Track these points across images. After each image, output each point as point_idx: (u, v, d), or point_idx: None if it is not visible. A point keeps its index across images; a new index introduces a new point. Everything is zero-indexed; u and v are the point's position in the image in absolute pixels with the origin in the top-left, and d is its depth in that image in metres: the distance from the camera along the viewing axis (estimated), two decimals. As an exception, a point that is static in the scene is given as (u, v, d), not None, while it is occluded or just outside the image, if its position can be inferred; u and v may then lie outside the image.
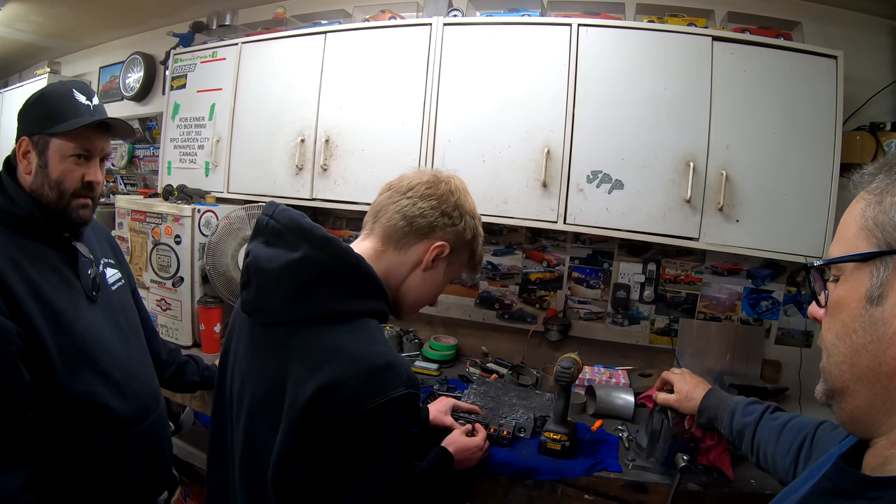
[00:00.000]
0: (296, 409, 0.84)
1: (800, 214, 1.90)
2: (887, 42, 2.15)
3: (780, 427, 1.13)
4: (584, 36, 1.91)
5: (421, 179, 1.08)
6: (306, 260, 0.92)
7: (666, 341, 2.37)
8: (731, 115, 1.90)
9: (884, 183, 0.60)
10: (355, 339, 0.89)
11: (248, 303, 0.97)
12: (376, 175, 2.10)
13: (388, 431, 0.86)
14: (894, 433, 0.58)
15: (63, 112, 1.20)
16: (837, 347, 0.62)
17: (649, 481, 1.47)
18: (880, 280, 0.57)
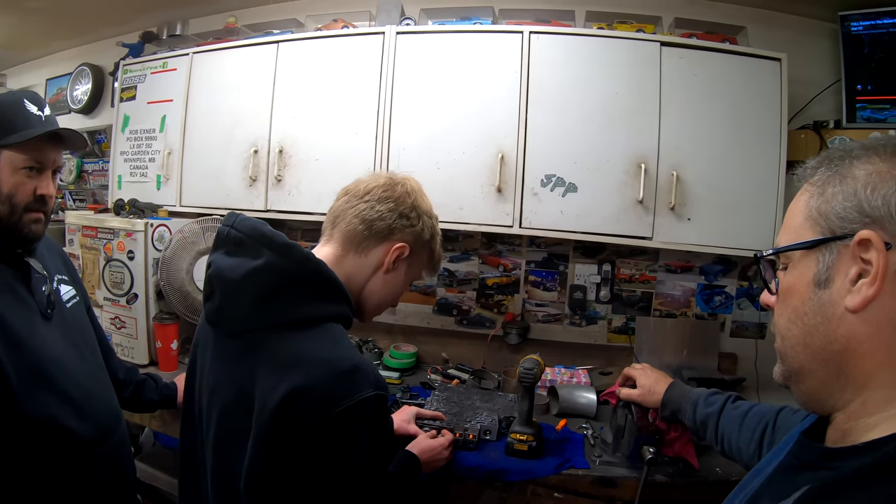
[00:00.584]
0: (265, 415, 0.84)
1: (749, 211, 1.97)
2: (828, 44, 2.25)
3: (742, 415, 1.18)
4: (536, 43, 1.94)
5: (377, 182, 1.10)
6: (269, 267, 0.92)
7: (624, 339, 2.42)
8: (680, 118, 1.95)
9: (825, 175, 0.64)
10: (321, 344, 0.90)
11: (213, 313, 0.97)
12: (331, 185, 2.03)
13: (358, 433, 0.86)
14: (850, 407, 0.61)
15: (14, 123, 1.16)
16: (791, 331, 0.65)
17: (617, 476, 1.51)
18: (826, 265, 0.61)
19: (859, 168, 0.61)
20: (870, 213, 0.58)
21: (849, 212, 0.60)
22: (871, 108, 2.10)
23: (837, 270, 0.60)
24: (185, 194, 2.38)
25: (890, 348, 0.57)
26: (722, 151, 1.96)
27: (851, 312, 0.58)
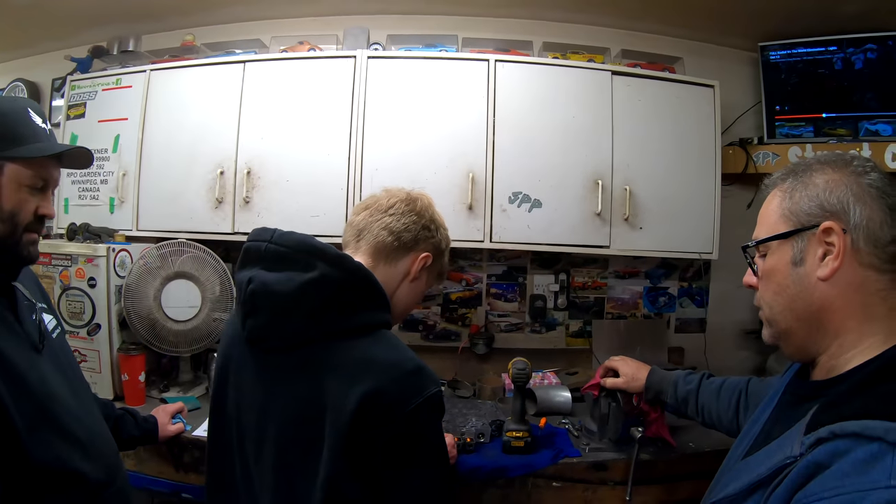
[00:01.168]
0: (342, 423, 0.87)
1: (691, 219, 2.22)
2: (750, 71, 2.56)
3: (718, 389, 1.38)
4: (501, 70, 2.08)
5: (398, 197, 1.16)
6: (324, 278, 0.94)
7: (581, 342, 2.60)
8: (630, 138, 2.16)
9: (794, 183, 0.85)
10: (383, 349, 0.95)
11: (258, 329, 0.98)
12: (303, 206, 2.11)
13: (431, 427, 0.94)
14: (830, 350, 0.81)
15: (21, 134, 1.06)
16: (777, 301, 0.85)
17: (607, 459, 1.67)
18: (800, 249, 0.82)
19: (818, 177, 0.83)
20: (829, 209, 0.80)
21: (813, 209, 0.81)
22: (789, 126, 2.41)
23: (808, 252, 0.81)
24: (142, 217, 2.30)
25: (853, 302, 0.78)
26: (667, 167, 2.19)
27: (823, 281, 0.79)
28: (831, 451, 0.65)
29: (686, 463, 1.69)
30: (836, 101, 2.33)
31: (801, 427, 0.74)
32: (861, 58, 2.29)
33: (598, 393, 1.70)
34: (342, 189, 2.10)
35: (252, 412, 1.00)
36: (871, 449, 0.62)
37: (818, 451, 0.67)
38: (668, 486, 1.68)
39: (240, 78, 2.16)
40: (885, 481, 0.58)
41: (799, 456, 0.69)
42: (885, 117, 2.26)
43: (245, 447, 1.02)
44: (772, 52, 2.43)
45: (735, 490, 0.81)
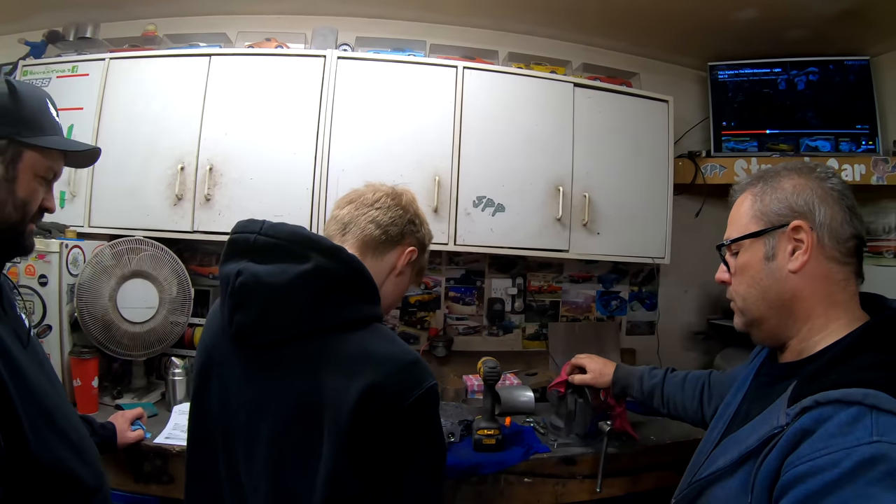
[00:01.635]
0: (342, 419, 0.86)
1: (645, 225, 2.34)
2: (698, 88, 2.70)
3: (682, 381, 1.47)
4: (469, 77, 2.13)
5: (383, 192, 1.15)
6: (319, 270, 0.92)
7: (538, 345, 2.67)
8: (589, 147, 2.25)
9: (763, 187, 0.95)
10: (380, 342, 0.93)
11: (249, 324, 0.93)
12: (267, 205, 2.09)
13: (431, 418, 0.94)
14: (800, 334, 0.91)
15: (41, 123, 1.03)
16: (751, 293, 0.95)
17: (575, 454, 1.73)
18: (771, 245, 0.92)
19: (786, 182, 0.93)
20: (797, 209, 0.90)
21: (782, 210, 0.91)
22: (735, 140, 2.56)
23: (779, 248, 0.91)
24: (95, 213, 2.20)
25: (819, 291, 0.89)
26: (623, 175, 2.30)
27: (793, 273, 0.89)
28: (816, 418, 0.74)
29: (649, 455, 1.79)
30: (779, 118, 2.49)
31: (784, 400, 0.83)
32: (803, 79, 2.46)
33: (564, 390, 1.76)
34: (307, 189, 2.09)
35: (241, 411, 0.97)
36: (851, 412, 0.71)
37: (804, 419, 0.76)
38: (633, 477, 1.77)
39: (205, 71, 2.12)
40: (867, 438, 0.68)
41: (785, 425, 0.78)
42: (823, 134, 2.45)
43: (232, 447, 0.98)
44: (720, 72, 2.58)
45: (725, 463, 0.89)
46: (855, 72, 2.42)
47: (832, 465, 0.68)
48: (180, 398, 1.96)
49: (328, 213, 2.11)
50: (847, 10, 2.13)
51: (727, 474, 0.88)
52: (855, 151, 2.40)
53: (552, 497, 1.70)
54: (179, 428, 1.74)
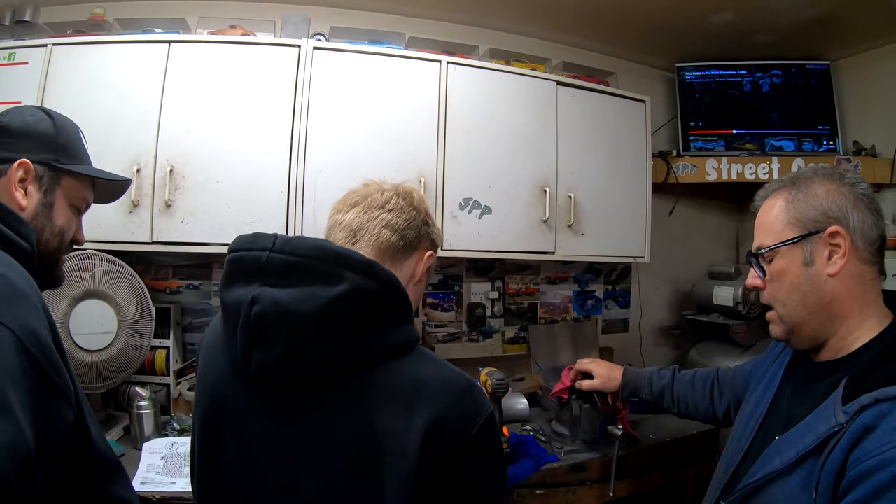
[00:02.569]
0: (408, 461, 0.74)
1: (626, 224, 2.33)
2: (666, 88, 2.73)
3: (691, 381, 1.47)
4: (453, 73, 2.02)
5: (391, 191, 1.00)
6: (356, 292, 0.77)
7: (518, 348, 2.61)
8: (572, 147, 2.21)
9: (796, 194, 0.97)
10: (430, 368, 0.81)
11: (274, 363, 0.78)
12: (236, 211, 1.89)
13: (494, 443, 0.83)
14: (839, 333, 0.94)
15: (77, 151, 1.02)
16: (791, 298, 0.97)
17: (584, 460, 1.70)
18: (810, 251, 0.94)
19: (818, 188, 0.95)
20: (832, 215, 0.92)
21: (818, 216, 0.93)
22: (702, 140, 2.60)
23: (817, 253, 0.93)
24: (35, 220, 1.94)
25: (855, 292, 0.92)
26: (605, 175, 2.28)
27: (831, 277, 0.92)
28: (876, 414, 0.78)
29: (650, 454, 1.79)
30: (744, 118, 2.56)
31: (837, 399, 0.85)
32: (768, 82, 2.54)
33: (567, 396, 1.70)
34: (282, 192, 1.91)
35: (272, 466, 0.81)
36: None
37: (864, 416, 0.79)
38: (636, 478, 1.75)
39: (163, 61, 1.88)
40: None
41: (845, 423, 0.80)
42: (787, 135, 2.53)
43: None
44: (688, 73, 2.62)
45: (783, 463, 0.89)
46: (816, 75, 2.52)
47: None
48: (149, 433, 1.74)
49: (305, 218, 1.95)
50: (816, 18, 2.21)
51: (785, 474, 0.88)
52: (817, 151, 2.51)
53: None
54: (154, 469, 1.54)
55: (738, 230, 3.06)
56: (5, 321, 0.70)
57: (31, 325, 0.74)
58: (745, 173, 2.49)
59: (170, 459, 1.59)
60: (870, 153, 2.47)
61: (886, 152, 2.42)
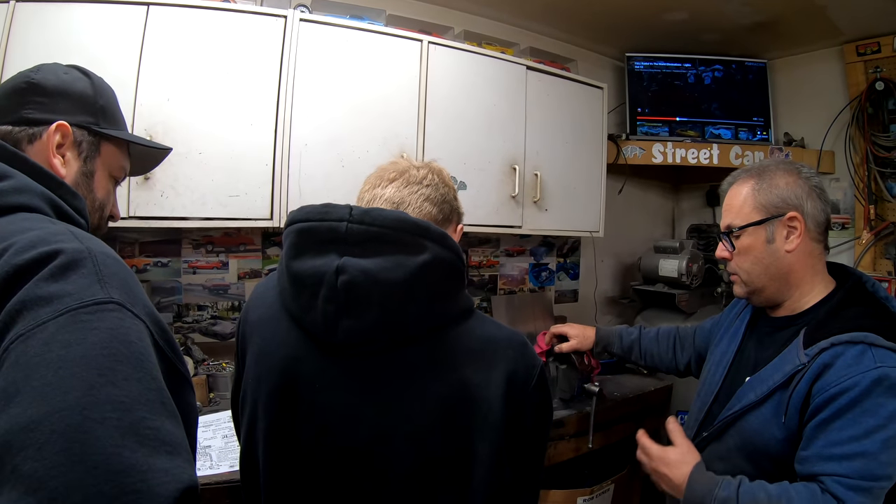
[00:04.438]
0: (495, 411, 0.82)
1: (584, 201, 2.47)
2: (614, 76, 2.89)
3: (656, 336, 1.66)
4: (433, 53, 2.05)
5: (424, 168, 1.02)
6: (437, 261, 0.81)
7: (481, 318, 2.70)
8: (539, 128, 2.31)
9: (761, 183, 1.16)
10: (493, 328, 0.90)
11: (365, 330, 0.79)
12: (220, 184, 1.82)
13: (548, 390, 0.93)
14: (794, 297, 1.16)
15: (116, 116, 0.92)
16: (755, 269, 1.16)
17: (563, 416, 1.81)
18: (772, 231, 1.13)
19: (780, 179, 1.14)
20: (790, 203, 1.12)
21: (779, 203, 1.13)
22: (648, 125, 2.78)
23: (777, 233, 1.13)
24: None
25: (807, 264, 1.14)
26: (566, 156, 2.41)
27: (788, 252, 1.12)
28: (832, 355, 0.99)
29: (617, 409, 1.95)
30: (687, 107, 2.76)
31: (798, 344, 1.06)
32: (710, 75, 2.74)
33: (545, 359, 1.82)
34: (267, 165, 1.87)
35: (362, 431, 0.82)
36: (858, 348, 0.98)
37: (823, 356, 1.00)
38: (606, 431, 1.91)
39: (141, 24, 1.76)
40: (872, 365, 0.95)
41: (807, 362, 1.01)
42: (725, 124, 2.76)
43: (341, 481, 0.84)
44: (636, 62, 2.78)
45: (756, 397, 1.08)
46: (754, 72, 2.75)
47: (854, 386, 0.95)
48: None
49: (290, 191, 1.93)
50: (758, 22, 2.42)
51: (758, 405, 1.08)
52: (752, 140, 2.75)
53: (546, 460, 1.76)
54: None
55: (674, 208, 3.31)
56: (137, 311, 0.60)
57: (155, 312, 0.65)
58: (689, 157, 2.69)
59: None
60: (799, 144, 2.70)
61: (814, 144, 2.66)
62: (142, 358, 0.56)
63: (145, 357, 0.57)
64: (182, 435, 0.56)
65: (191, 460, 0.56)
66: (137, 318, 0.59)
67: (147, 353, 0.57)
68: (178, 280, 2.08)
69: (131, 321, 0.58)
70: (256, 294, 1.00)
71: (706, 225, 2.85)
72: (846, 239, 2.54)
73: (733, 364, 1.24)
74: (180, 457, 0.53)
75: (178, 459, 0.52)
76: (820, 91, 2.67)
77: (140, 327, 0.59)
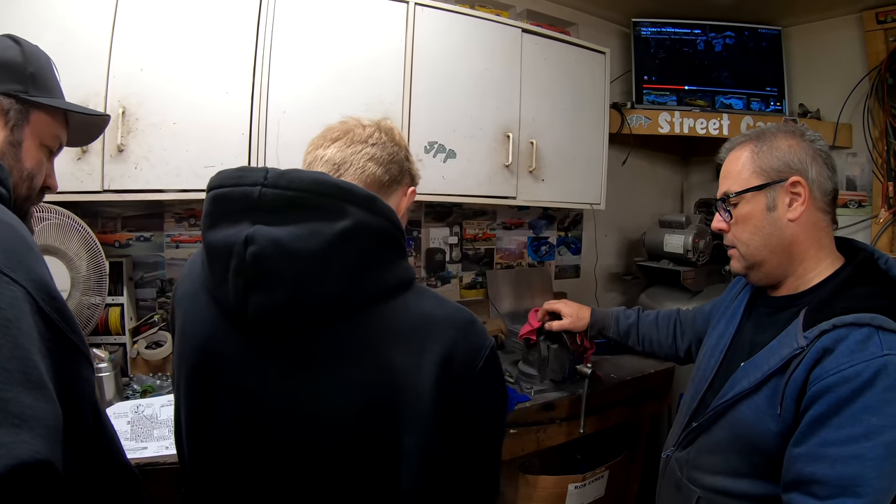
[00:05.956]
0: (424, 401, 0.70)
1: (584, 172, 2.30)
2: (620, 42, 2.67)
3: (654, 320, 1.50)
4: (420, 15, 1.90)
5: (372, 126, 0.93)
6: (360, 227, 0.69)
7: (475, 293, 2.55)
8: (535, 94, 2.14)
9: (761, 146, 1.01)
10: (431, 303, 0.76)
11: (276, 307, 0.69)
12: (195, 154, 1.70)
13: (499, 374, 0.81)
14: (797, 273, 1.00)
15: (48, 83, 0.86)
16: (754, 239, 1.01)
17: (554, 399, 1.68)
18: (773, 197, 0.99)
19: (782, 142, 1.00)
20: (793, 167, 0.98)
21: (781, 167, 0.98)
22: (655, 94, 2.57)
23: (779, 200, 0.98)
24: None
25: (812, 237, 0.98)
26: (565, 123, 2.24)
27: (791, 222, 0.97)
28: (834, 338, 0.84)
29: (613, 392, 1.79)
30: (696, 76, 2.55)
31: (798, 326, 0.90)
32: (721, 42, 2.53)
33: (536, 338, 1.67)
34: (244, 135, 1.74)
35: (276, 421, 0.73)
36: (863, 332, 0.82)
37: (823, 339, 0.84)
38: (602, 415, 1.76)
39: (114, -7, 1.66)
40: (879, 352, 0.80)
41: (806, 346, 0.86)
42: (736, 93, 2.55)
43: (264, 469, 0.75)
44: (643, 28, 2.56)
45: (749, 384, 0.94)
46: (768, 39, 2.53)
47: (856, 376, 0.80)
48: (110, 397, 1.58)
49: (268, 161, 1.81)
50: None
51: (752, 393, 0.94)
52: (765, 111, 2.54)
53: (535, 444, 1.65)
54: (122, 435, 1.38)
55: (683, 182, 3.10)
56: (16, 277, 0.57)
57: (44, 279, 0.62)
58: (697, 128, 2.48)
59: (137, 423, 1.45)
60: (814, 116, 2.50)
61: (830, 116, 2.46)
62: (8, 325, 0.53)
63: (13, 324, 0.54)
64: (46, 409, 0.53)
65: (46, 436, 0.52)
66: (16, 283, 0.57)
67: (17, 320, 0.55)
68: (161, 255, 1.99)
69: (5, 286, 0.56)
70: (186, 267, 0.91)
71: (715, 199, 2.63)
72: (863, 217, 2.30)
73: (730, 349, 1.10)
74: (29, 431, 0.50)
75: (24, 434, 0.49)
76: (837, 60, 2.45)
77: (16, 293, 0.57)
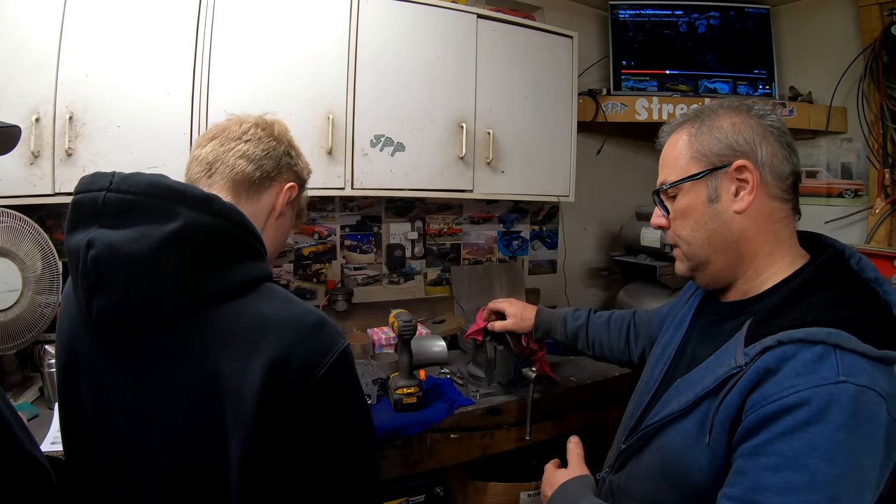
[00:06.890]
0: (247, 407, 0.65)
1: (549, 163, 2.16)
2: (597, 27, 2.50)
3: (607, 322, 1.34)
4: (365, 6, 1.81)
5: (250, 122, 0.92)
6: (191, 228, 0.68)
7: (441, 290, 2.44)
8: (493, 83, 2.02)
9: (700, 127, 0.85)
10: (275, 305, 0.72)
11: (112, 309, 0.69)
12: (139, 156, 1.69)
13: (349, 384, 0.75)
14: (748, 274, 0.84)
15: None
16: (695, 236, 0.86)
17: (499, 403, 1.59)
18: (715, 186, 0.83)
19: (724, 121, 0.83)
20: (738, 149, 0.81)
21: (723, 150, 0.82)
22: (634, 80, 2.39)
23: (722, 189, 0.82)
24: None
25: (765, 230, 0.82)
26: (527, 112, 2.11)
27: (738, 214, 0.81)
28: (779, 357, 0.68)
29: (571, 396, 1.68)
30: (678, 59, 2.37)
31: (740, 340, 0.75)
32: (704, 23, 2.34)
33: (482, 338, 1.57)
34: (185, 134, 1.71)
35: (127, 419, 0.72)
36: (816, 350, 0.66)
37: (765, 358, 0.69)
38: (557, 420, 1.66)
39: (62, 1, 1.65)
40: (833, 377, 0.64)
41: (745, 365, 0.71)
42: (722, 77, 2.36)
43: (123, 465, 0.74)
44: (621, 11, 2.40)
45: (680, 406, 0.80)
46: (755, 19, 2.33)
47: (800, 404, 0.64)
48: None
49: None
50: None
51: (682, 416, 0.80)
52: (752, 95, 2.34)
53: (480, 450, 1.56)
54: None
55: (670, 172, 2.87)
56: None
57: None
58: (677, 114, 2.26)
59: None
60: (806, 99, 2.29)
61: (823, 99, 2.25)
62: None
63: None
64: None
65: None
66: None
67: None
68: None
69: None
70: None
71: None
72: (859, 208, 2.07)
73: (673, 361, 0.94)
74: None
75: None
76: (830, 39, 2.23)
77: None
